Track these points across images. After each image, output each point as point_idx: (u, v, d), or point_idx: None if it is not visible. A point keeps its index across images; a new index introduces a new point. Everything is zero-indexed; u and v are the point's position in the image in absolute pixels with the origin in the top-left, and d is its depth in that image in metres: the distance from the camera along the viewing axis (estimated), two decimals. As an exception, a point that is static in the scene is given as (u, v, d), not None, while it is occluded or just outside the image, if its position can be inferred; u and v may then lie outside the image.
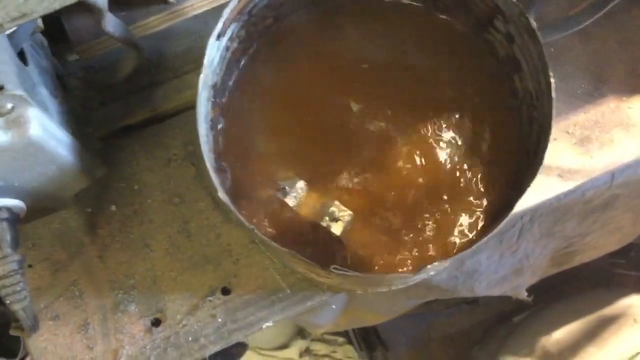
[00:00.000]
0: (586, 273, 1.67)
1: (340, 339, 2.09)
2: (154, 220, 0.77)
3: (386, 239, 0.65)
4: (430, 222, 0.65)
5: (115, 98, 0.79)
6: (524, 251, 1.02)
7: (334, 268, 0.55)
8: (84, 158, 0.61)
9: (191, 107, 0.64)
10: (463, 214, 0.65)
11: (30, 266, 0.75)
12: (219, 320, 0.74)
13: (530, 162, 0.58)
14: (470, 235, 0.62)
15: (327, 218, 0.65)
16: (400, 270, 0.60)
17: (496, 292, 1.09)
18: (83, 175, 0.62)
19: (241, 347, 1.11)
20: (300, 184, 0.66)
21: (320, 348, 2.09)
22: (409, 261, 0.63)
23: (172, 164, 0.79)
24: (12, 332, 0.70)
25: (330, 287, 0.74)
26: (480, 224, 0.63)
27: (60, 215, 0.76)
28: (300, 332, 2.08)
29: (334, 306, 0.83)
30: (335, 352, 2.08)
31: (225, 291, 0.75)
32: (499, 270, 1.03)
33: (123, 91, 0.79)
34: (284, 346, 2.03)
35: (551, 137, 0.78)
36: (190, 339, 0.73)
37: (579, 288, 1.60)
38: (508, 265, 1.03)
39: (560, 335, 1.43)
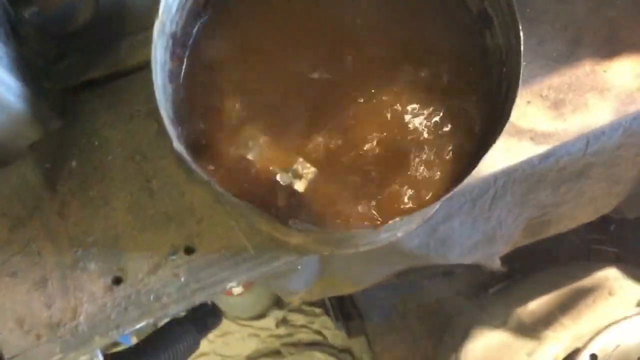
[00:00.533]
0: (564, 246, 1.67)
1: (318, 310, 2.09)
2: (115, 178, 0.75)
3: (350, 197, 0.63)
4: (397, 179, 0.64)
5: (75, 50, 0.76)
6: (497, 218, 1.01)
7: (293, 223, 0.53)
8: (37, 108, 0.59)
9: None
10: (430, 171, 0.63)
11: (-14, 222, 0.73)
12: (182, 279, 0.72)
13: (497, 118, 0.56)
14: (436, 193, 0.60)
15: (290, 175, 0.63)
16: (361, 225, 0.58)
17: (469, 259, 1.08)
18: (35, 126, 0.60)
19: (216, 318, 1.09)
20: (263, 139, 0.64)
21: (297, 318, 2.09)
22: (374, 219, 0.62)
23: (135, 120, 0.76)
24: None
25: (296, 248, 0.72)
26: (446, 181, 0.61)
27: (18, 170, 0.74)
28: (278, 303, 2.08)
29: (300, 267, 0.82)
30: (312, 323, 2.08)
31: (189, 250, 0.73)
32: (472, 236, 1.02)
33: (84, 44, 0.76)
34: (261, 316, 2.03)
35: (525, 100, 0.77)
36: (152, 297, 0.72)
37: (556, 261, 1.60)
38: (480, 232, 1.02)
39: (535, 306, 1.43)
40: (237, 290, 1.67)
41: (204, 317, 1.10)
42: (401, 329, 2.09)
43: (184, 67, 0.65)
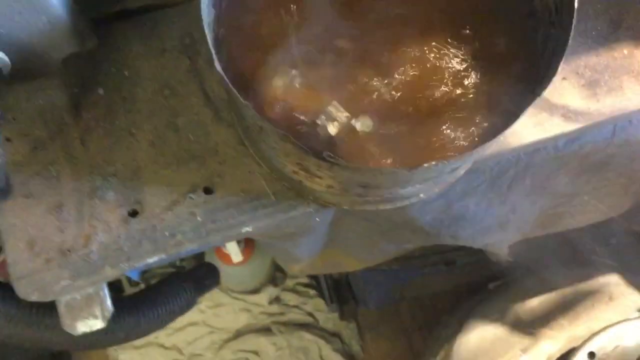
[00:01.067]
0: (566, 252, 1.67)
1: (312, 292, 2.08)
2: (142, 110, 0.74)
3: (381, 148, 0.63)
4: (428, 135, 0.63)
5: (114, -20, 0.76)
6: (512, 203, 1.00)
7: (327, 154, 0.52)
8: (76, 20, 0.59)
9: None
10: (462, 131, 0.62)
11: (8, 140, 0.72)
12: (199, 219, 0.71)
13: (542, 75, 0.56)
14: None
15: (323, 117, 0.62)
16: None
17: (479, 243, 1.07)
18: (73, 37, 0.59)
19: (214, 279, 1.08)
20: (300, 80, 0.63)
21: (290, 298, 2.09)
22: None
23: (167, 54, 0.76)
24: (-19, 204, 0.68)
25: (316, 199, 0.71)
26: (477, 143, 0.61)
27: (45, 92, 0.73)
28: (273, 280, 2.07)
29: (313, 224, 0.81)
30: (305, 304, 2.07)
31: (208, 190, 0.73)
32: (485, 219, 1.01)
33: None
34: (254, 291, 2.03)
35: (560, 76, 0.77)
36: (167, 234, 0.71)
37: (558, 264, 1.60)
38: (494, 215, 1.02)
39: (534, 304, 1.43)
40: (237, 258, 1.66)
41: (203, 277, 1.09)
42: (392, 319, 2.09)
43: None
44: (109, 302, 0.74)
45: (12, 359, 1.88)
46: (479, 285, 1.68)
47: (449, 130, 0.61)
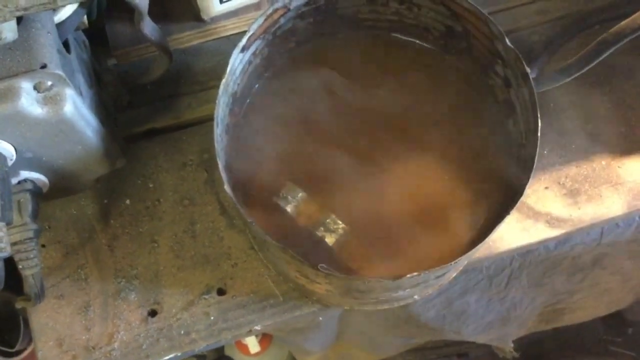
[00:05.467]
0: (580, 344, 1.68)
1: (330, 382, 2.09)
2: (164, 218, 0.82)
3: (374, 256, 0.70)
4: (419, 246, 0.70)
5: (142, 103, 0.86)
6: (512, 300, 1.05)
7: (321, 267, 0.59)
8: (108, 145, 0.68)
9: (211, 118, 0.70)
10: (451, 239, 0.69)
11: (43, 246, 0.80)
12: (212, 318, 0.78)
13: (513, 195, 0.63)
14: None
15: (322, 229, 0.70)
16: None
17: (482, 338, 1.11)
18: (105, 161, 0.68)
19: None
20: (301, 195, 0.71)
21: (308, 388, 2.08)
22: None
23: (187, 168, 0.85)
24: (18, 305, 0.75)
25: (319, 299, 0.78)
26: (465, 250, 0.67)
27: (78, 202, 0.82)
28: (291, 369, 2.08)
29: (320, 322, 0.87)
30: (323, 394, 2.07)
31: (221, 292, 0.80)
32: (486, 315, 1.06)
33: (151, 97, 0.86)
34: (272, 380, 2.03)
35: (543, 185, 0.84)
36: (182, 332, 0.77)
37: (571, 356, 1.61)
38: (495, 312, 1.06)
39: (547, 397, 1.43)
40: (254, 349, 1.70)
41: None
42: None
43: (238, 126, 0.73)
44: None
45: None
46: (493, 377, 1.68)
47: (433, 240, 0.68)
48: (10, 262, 0.64)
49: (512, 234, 0.81)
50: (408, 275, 0.58)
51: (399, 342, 1.21)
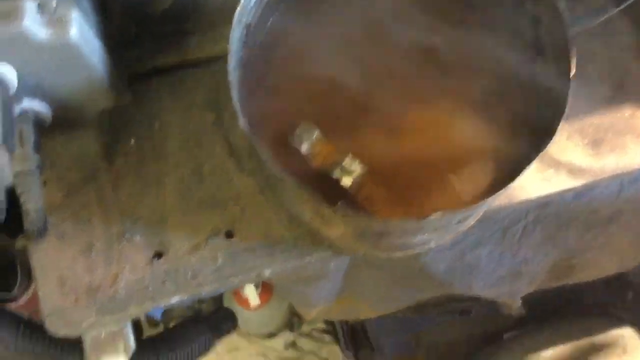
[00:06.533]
0: (580, 304, 1.67)
1: (327, 337, 2.10)
2: (170, 159, 0.79)
3: (393, 200, 0.67)
4: (439, 191, 0.67)
5: (149, 39, 0.82)
6: (524, 255, 1.03)
7: (341, 204, 0.56)
8: (114, 77, 0.64)
9: (221, 57, 0.66)
10: (472, 189, 0.66)
11: (44, 183, 0.77)
12: (219, 262, 0.75)
13: (540, 140, 0.60)
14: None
15: (338, 170, 0.67)
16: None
17: (492, 293, 1.10)
18: (110, 93, 0.65)
19: (231, 323, 1.11)
20: (316, 134, 0.67)
21: (306, 344, 2.10)
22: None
23: (194, 108, 0.81)
24: (18, 244, 0.73)
25: (332, 245, 0.75)
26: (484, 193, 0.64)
27: (80, 140, 0.79)
28: (289, 325, 2.09)
29: (329, 270, 0.85)
30: (320, 349, 2.09)
31: (229, 235, 0.77)
32: (497, 270, 1.04)
33: (158, 34, 0.82)
34: (271, 335, 2.05)
35: (565, 135, 0.80)
36: (189, 275, 0.75)
37: (572, 315, 1.60)
38: (507, 266, 1.04)
39: (549, 355, 1.43)
40: (254, 302, 1.69)
41: (221, 321, 1.12)
42: (406, 367, 2.09)
43: (252, 59, 0.69)
44: (132, 339, 0.78)
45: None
46: (494, 335, 1.68)
47: (456, 183, 0.65)
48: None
49: (533, 183, 0.79)
50: (432, 216, 0.55)
51: (406, 297, 1.19)
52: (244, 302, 1.74)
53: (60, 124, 0.67)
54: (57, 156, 0.78)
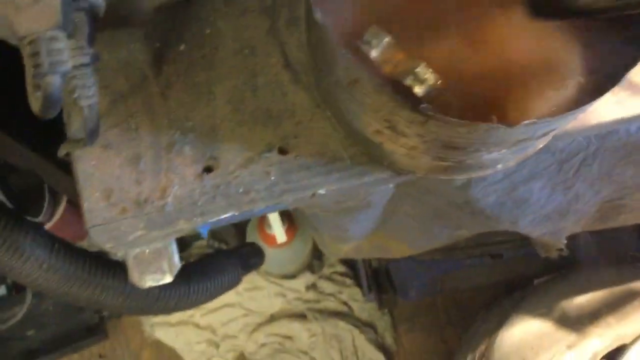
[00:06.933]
0: (617, 251, 1.64)
1: (348, 281, 2.08)
2: (222, 68, 0.74)
3: (468, 112, 0.62)
4: (518, 104, 0.62)
5: None
6: (576, 191, 0.99)
7: (423, 107, 0.52)
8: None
9: None
10: (559, 92, 0.61)
11: (90, 89, 0.72)
12: (272, 178, 0.72)
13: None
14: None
15: (410, 77, 0.62)
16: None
17: (537, 231, 1.06)
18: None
19: (259, 258, 1.09)
20: (387, 39, 0.62)
21: (326, 286, 2.09)
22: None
23: (248, 15, 0.76)
24: (63, 149, 0.68)
25: (391, 164, 0.71)
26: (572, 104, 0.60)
27: (127, 46, 0.74)
28: (310, 267, 2.08)
29: (378, 198, 0.81)
30: (341, 292, 2.07)
31: (283, 151, 0.73)
32: (547, 205, 1.00)
33: None
34: (291, 276, 2.04)
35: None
36: (240, 190, 0.71)
37: (608, 262, 1.58)
38: (556, 202, 1.00)
39: (582, 301, 1.41)
40: (281, 238, 1.67)
41: (250, 255, 1.09)
42: (427, 313, 2.08)
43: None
44: (176, 257, 0.75)
45: (49, 328, 1.91)
46: (522, 280, 1.66)
47: (542, 93, 0.60)
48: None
49: (606, 106, 0.74)
50: (525, 122, 0.51)
51: (445, 233, 1.16)
52: (269, 239, 1.71)
53: (110, 21, 0.62)
54: (102, 63, 0.73)
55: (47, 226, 1.34)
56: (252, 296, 2.01)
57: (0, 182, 1.20)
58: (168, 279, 0.74)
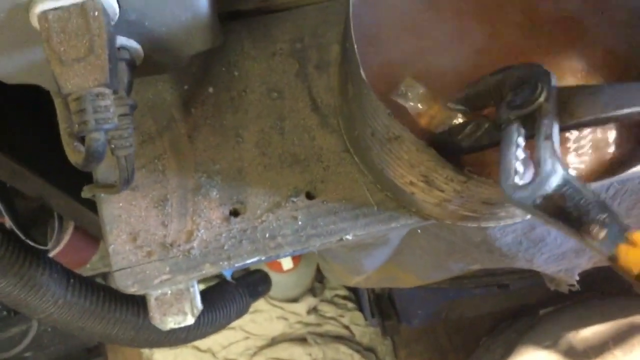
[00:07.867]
0: (620, 283, 1.65)
1: (350, 305, 2.08)
2: (249, 111, 0.74)
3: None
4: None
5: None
6: (592, 230, 0.99)
7: (469, 170, 0.52)
8: (214, 16, 0.59)
9: (308, 3, 0.61)
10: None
11: (117, 131, 0.72)
12: (299, 223, 0.71)
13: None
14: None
15: (445, 125, 0.62)
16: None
17: (552, 268, 1.06)
18: (208, 34, 0.60)
19: (267, 286, 1.09)
20: (423, 91, 0.63)
21: (328, 309, 2.08)
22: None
23: (277, 57, 0.76)
24: (89, 191, 0.68)
25: (419, 211, 0.71)
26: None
27: (155, 87, 0.74)
28: (312, 291, 2.07)
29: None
30: (342, 316, 2.07)
31: (310, 195, 0.72)
32: (563, 245, 1.00)
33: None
34: (293, 300, 2.03)
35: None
36: (267, 235, 0.71)
37: (612, 294, 1.58)
38: (573, 242, 1.00)
39: (588, 333, 1.41)
40: (288, 265, 1.67)
41: (257, 283, 1.09)
42: (429, 339, 2.08)
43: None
44: (198, 298, 0.74)
45: (49, 350, 1.89)
46: (527, 310, 1.66)
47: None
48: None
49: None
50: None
51: (457, 267, 1.16)
52: (274, 265, 1.71)
53: (149, 65, 0.62)
54: (131, 102, 0.73)
55: (55, 252, 1.33)
56: (253, 319, 2.00)
57: (8, 209, 1.19)
58: (190, 320, 0.74)
